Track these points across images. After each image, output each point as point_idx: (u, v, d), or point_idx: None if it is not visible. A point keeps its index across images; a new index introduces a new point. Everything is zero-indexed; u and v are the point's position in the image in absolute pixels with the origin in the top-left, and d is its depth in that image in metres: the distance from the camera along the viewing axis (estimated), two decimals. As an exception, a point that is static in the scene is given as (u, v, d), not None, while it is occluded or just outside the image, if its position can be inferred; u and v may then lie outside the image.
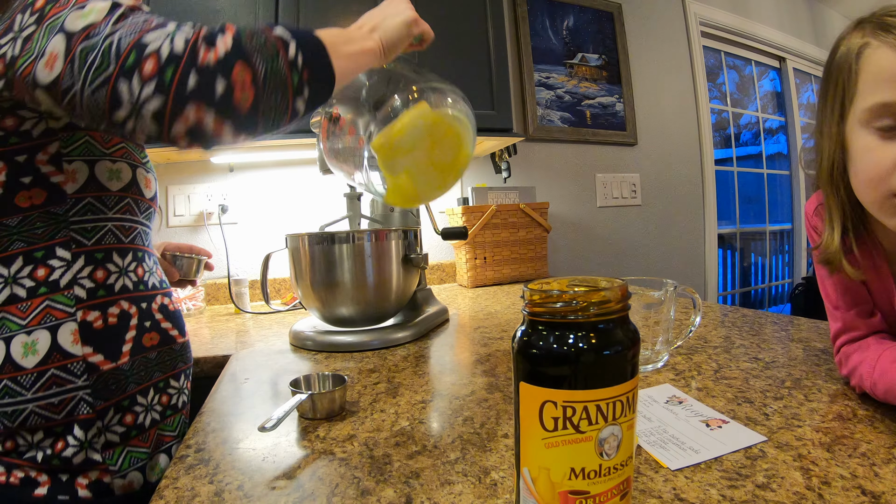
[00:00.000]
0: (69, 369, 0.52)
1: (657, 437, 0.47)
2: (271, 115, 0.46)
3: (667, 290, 0.65)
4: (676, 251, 2.39)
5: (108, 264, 0.56)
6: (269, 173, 1.66)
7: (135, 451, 0.57)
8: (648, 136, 2.31)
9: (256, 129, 0.46)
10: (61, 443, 0.53)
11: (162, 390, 0.61)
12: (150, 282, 0.62)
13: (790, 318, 0.94)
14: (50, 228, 0.52)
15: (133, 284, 0.59)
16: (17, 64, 0.43)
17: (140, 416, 0.57)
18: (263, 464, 0.47)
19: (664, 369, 0.67)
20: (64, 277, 0.53)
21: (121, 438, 0.55)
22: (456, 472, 0.43)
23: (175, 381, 0.64)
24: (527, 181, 2.02)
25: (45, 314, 0.52)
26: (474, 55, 1.52)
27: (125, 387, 0.56)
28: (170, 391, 0.62)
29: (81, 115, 0.43)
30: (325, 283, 0.92)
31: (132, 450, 0.56)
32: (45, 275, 0.52)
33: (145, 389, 0.58)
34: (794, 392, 0.56)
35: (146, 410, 0.58)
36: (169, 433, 0.61)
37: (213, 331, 1.18)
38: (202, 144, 0.45)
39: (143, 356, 0.59)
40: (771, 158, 3.05)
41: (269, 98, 0.44)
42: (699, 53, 2.45)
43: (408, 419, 0.56)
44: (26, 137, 0.51)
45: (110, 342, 0.55)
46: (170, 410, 0.62)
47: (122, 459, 0.55)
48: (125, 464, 0.55)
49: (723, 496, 0.37)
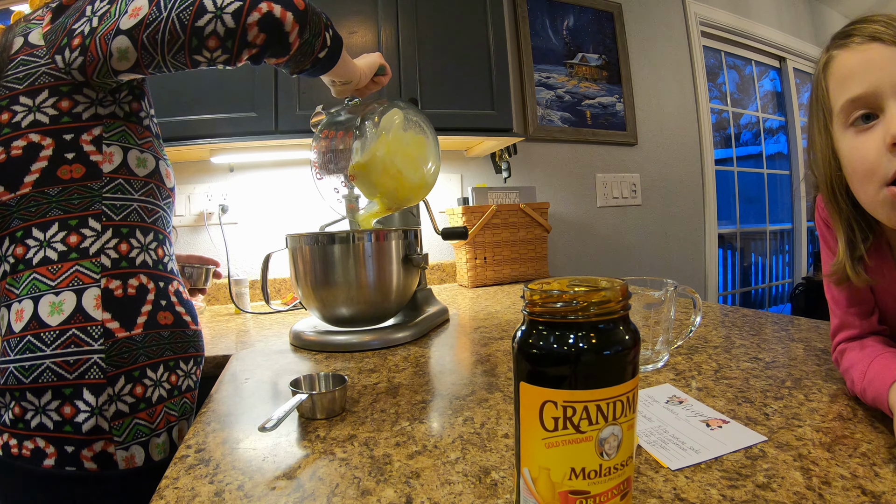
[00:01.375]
0: (88, 332, 0.57)
1: (657, 437, 0.47)
2: (313, 29, 0.58)
3: (667, 290, 0.65)
4: (676, 251, 2.39)
5: (132, 239, 0.62)
6: (269, 173, 1.66)
7: (141, 424, 0.59)
8: (648, 135, 2.31)
9: (305, 32, 0.57)
10: (69, 408, 0.55)
11: (171, 369, 0.63)
12: (169, 265, 0.67)
13: (790, 318, 0.94)
14: (85, 201, 0.59)
15: (153, 262, 0.64)
16: (98, 31, 0.54)
17: (149, 389, 0.60)
18: (263, 464, 0.47)
19: (664, 369, 0.67)
20: (94, 246, 0.59)
21: (130, 409, 0.58)
22: (456, 472, 0.43)
23: (184, 364, 0.66)
24: (527, 181, 2.02)
25: (74, 277, 0.57)
26: (474, 55, 1.52)
27: (136, 357, 0.59)
28: (178, 372, 0.65)
29: (157, 44, 0.53)
30: (326, 283, 0.92)
31: (139, 422, 0.59)
32: (76, 241, 0.58)
33: (155, 364, 0.61)
34: (794, 392, 0.56)
35: (155, 385, 0.61)
36: (174, 413, 0.63)
37: (213, 331, 1.18)
38: (268, 34, 0.54)
39: (157, 332, 0.62)
40: (771, 158, 3.05)
41: (313, 15, 0.58)
42: (699, 53, 2.45)
43: (408, 419, 0.56)
44: (76, 118, 0.59)
45: (127, 311, 0.59)
46: (177, 391, 0.64)
47: (128, 431, 0.58)
48: (129, 436, 0.58)
49: (723, 496, 0.37)
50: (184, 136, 1.29)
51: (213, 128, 1.30)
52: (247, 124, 1.32)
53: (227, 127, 1.31)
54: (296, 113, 1.35)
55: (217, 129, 1.30)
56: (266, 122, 1.33)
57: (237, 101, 1.32)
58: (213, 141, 1.32)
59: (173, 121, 1.28)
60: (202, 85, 1.29)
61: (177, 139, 1.28)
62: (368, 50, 1.42)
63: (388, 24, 1.43)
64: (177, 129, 1.28)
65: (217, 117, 1.30)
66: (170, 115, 1.28)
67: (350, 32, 1.41)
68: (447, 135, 1.53)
